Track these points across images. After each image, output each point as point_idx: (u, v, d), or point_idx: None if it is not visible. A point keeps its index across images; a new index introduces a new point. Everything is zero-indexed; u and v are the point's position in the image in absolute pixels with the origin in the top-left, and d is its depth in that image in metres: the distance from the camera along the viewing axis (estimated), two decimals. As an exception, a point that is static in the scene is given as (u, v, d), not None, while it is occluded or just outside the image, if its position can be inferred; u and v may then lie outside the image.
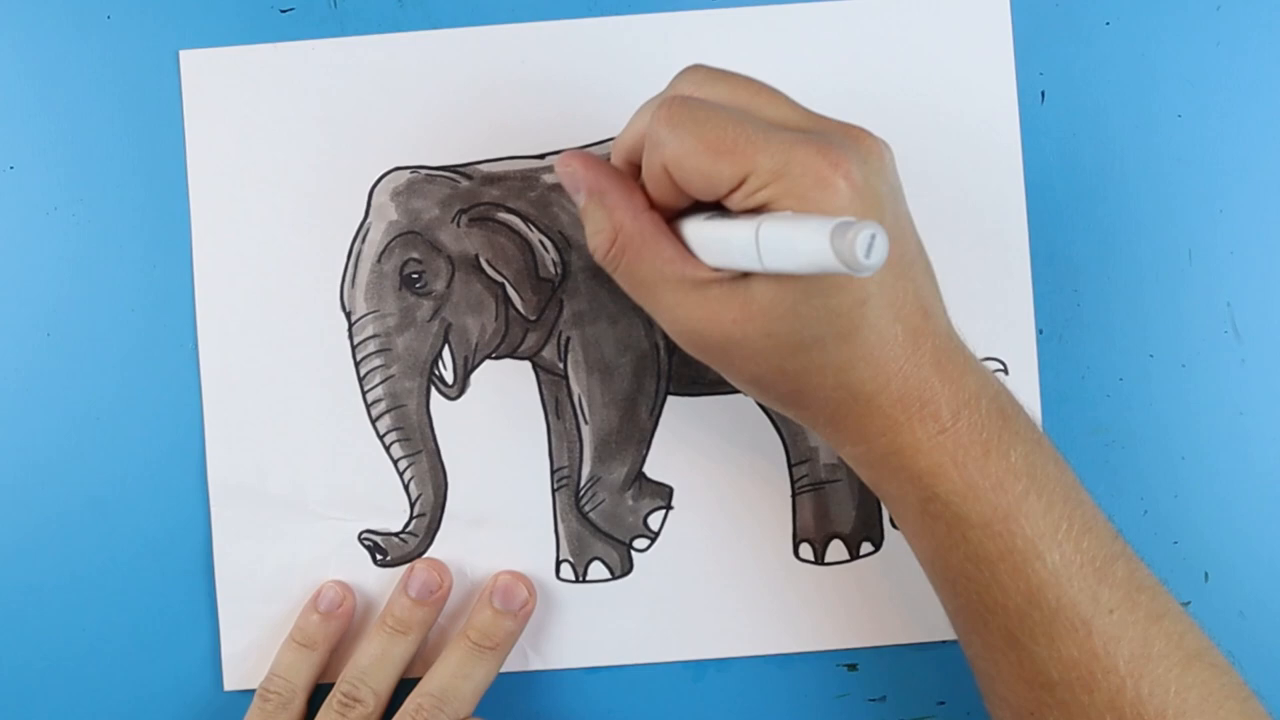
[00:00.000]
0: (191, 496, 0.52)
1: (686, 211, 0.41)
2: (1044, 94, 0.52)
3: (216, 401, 0.52)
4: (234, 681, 0.52)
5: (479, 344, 0.52)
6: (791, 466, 0.52)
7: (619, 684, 0.53)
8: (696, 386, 0.52)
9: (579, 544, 0.52)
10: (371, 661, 0.49)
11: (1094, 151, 0.52)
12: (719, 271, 0.39)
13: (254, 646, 0.52)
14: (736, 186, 0.37)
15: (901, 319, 0.39)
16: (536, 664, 0.52)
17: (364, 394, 0.52)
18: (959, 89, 0.52)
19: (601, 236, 0.41)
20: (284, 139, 0.51)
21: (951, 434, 0.40)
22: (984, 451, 0.40)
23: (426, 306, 0.52)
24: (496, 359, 0.52)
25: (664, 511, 0.52)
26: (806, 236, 0.32)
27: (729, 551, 0.52)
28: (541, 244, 0.52)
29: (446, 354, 0.52)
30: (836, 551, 0.52)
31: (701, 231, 0.39)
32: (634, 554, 0.52)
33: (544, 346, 0.52)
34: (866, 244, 0.31)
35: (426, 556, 0.52)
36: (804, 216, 0.34)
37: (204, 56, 0.51)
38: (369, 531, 0.52)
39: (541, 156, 0.52)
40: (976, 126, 0.52)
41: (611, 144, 0.44)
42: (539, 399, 0.52)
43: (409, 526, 0.52)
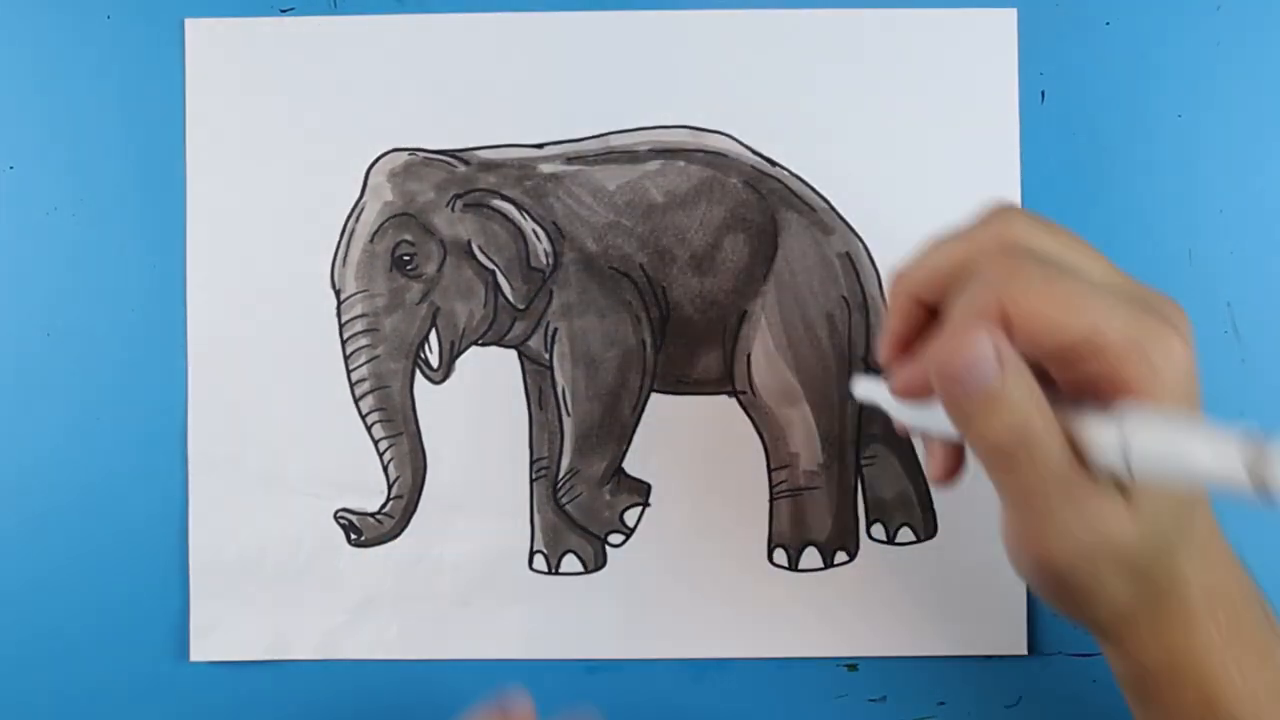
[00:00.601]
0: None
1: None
2: (1044, 94, 0.52)
3: (201, 372, 0.52)
4: (200, 653, 0.52)
5: (466, 330, 0.52)
6: (771, 471, 0.52)
7: (619, 682, 0.52)
8: (681, 385, 0.52)
9: (554, 536, 0.52)
10: None
11: (1094, 151, 0.52)
12: (1092, 477, 0.35)
13: (222, 619, 0.52)
14: (1075, 349, 0.34)
15: (1220, 539, 0.38)
16: (511, 653, 0.52)
17: (349, 373, 0.52)
18: (960, 105, 0.51)
19: (1010, 428, 0.35)
20: (284, 113, 0.52)
21: (1236, 636, 0.38)
22: (1260, 660, 0.38)
23: (416, 289, 0.52)
24: (483, 346, 0.52)
25: (641, 508, 0.52)
26: (1203, 450, 0.31)
27: (703, 552, 0.52)
28: (534, 233, 0.52)
29: (433, 338, 0.52)
30: (811, 559, 0.52)
31: (1080, 429, 0.35)
32: (608, 549, 0.52)
33: (531, 336, 0.52)
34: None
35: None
36: (1184, 421, 0.32)
37: (209, 26, 0.52)
38: (345, 510, 0.52)
39: (540, 145, 0.52)
40: (978, 145, 0.51)
41: (899, 277, 0.39)
42: (523, 388, 0.52)
43: (385, 508, 0.52)
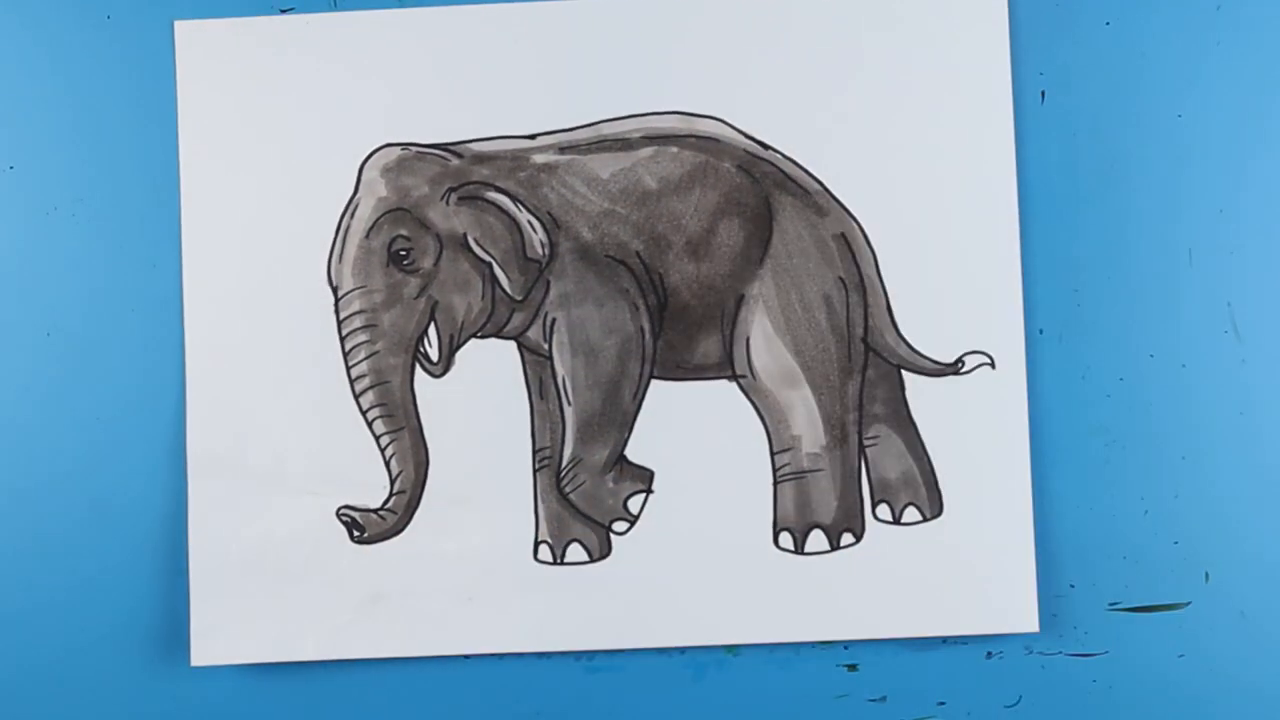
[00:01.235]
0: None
1: None
2: (1043, 94, 0.52)
3: (199, 372, 0.52)
4: (202, 657, 0.51)
5: (465, 322, 0.52)
6: (774, 454, 0.52)
7: (621, 681, 0.52)
8: (680, 371, 0.52)
9: (558, 525, 0.52)
10: None
11: (1094, 151, 0.52)
12: None
13: (224, 623, 0.51)
14: None
15: None
16: (516, 646, 0.51)
17: (348, 369, 0.52)
18: (954, 86, 0.52)
19: None
20: (276, 111, 0.52)
21: None
22: None
23: (413, 284, 0.52)
24: (482, 338, 0.52)
25: (644, 495, 0.52)
26: None
27: (708, 538, 0.51)
28: (530, 224, 0.52)
29: (432, 331, 0.52)
30: (817, 541, 0.51)
31: None
32: (613, 537, 0.52)
33: (529, 327, 0.52)
34: None
35: None
36: None
37: (198, 27, 0.52)
38: (347, 507, 0.52)
39: (532, 136, 0.52)
40: (970, 124, 0.52)
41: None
42: (523, 379, 0.52)
43: (388, 503, 0.51)
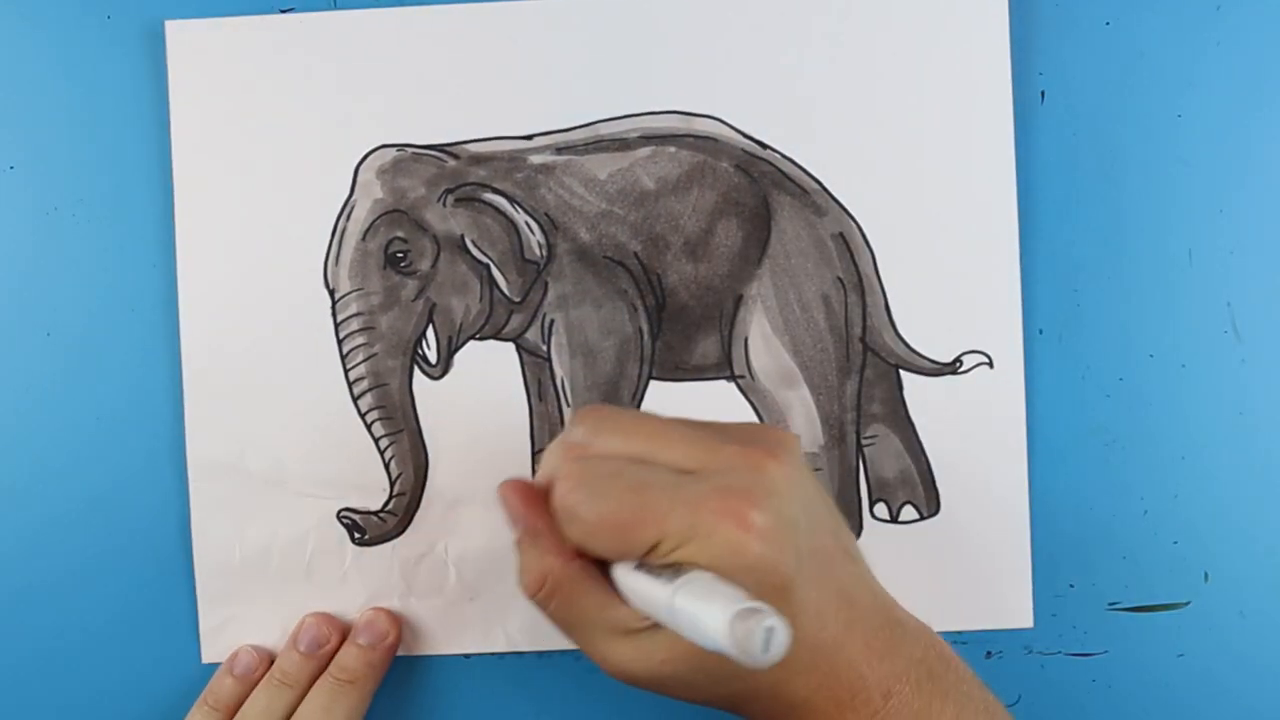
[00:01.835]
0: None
1: None
2: (1043, 94, 0.52)
3: (197, 377, 0.52)
4: (212, 654, 0.52)
5: (463, 324, 0.52)
6: (773, 454, 0.52)
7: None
8: (679, 372, 0.52)
9: (558, 527, 0.52)
10: (256, 716, 0.49)
11: (1093, 151, 0.52)
12: (645, 617, 0.38)
13: (231, 621, 0.52)
14: (650, 550, 0.36)
15: (827, 622, 0.38)
16: (518, 645, 0.52)
17: (346, 372, 0.52)
18: (953, 84, 0.51)
19: (531, 576, 0.40)
20: (269, 113, 0.51)
21: (884, 715, 0.39)
22: None
23: (411, 286, 0.52)
24: (480, 340, 0.52)
25: (643, 496, 0.52)
26: (711, 622, 0.32)
27: (708, 538, 0.52)
28: (527, 225, 0.51)
29: (430, 334, 0.52)
30: (816, 541, 0.52)
31: (627, 581, 0.38)
32: (612, 538, 0.52)
33: (528, 328, 0.52)
34: (764, 639, 0.31)
35: (318, 612, 0.51)
36: (713, 593, 0.33)
37: (190, 28, 0.51)
38: (348, 510, 0.52)
39: (529, 137, 0.51)
40: (969, 122, 0.51)
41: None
42: (522, 381, 0.52)
43: (388, 505, 0.52)
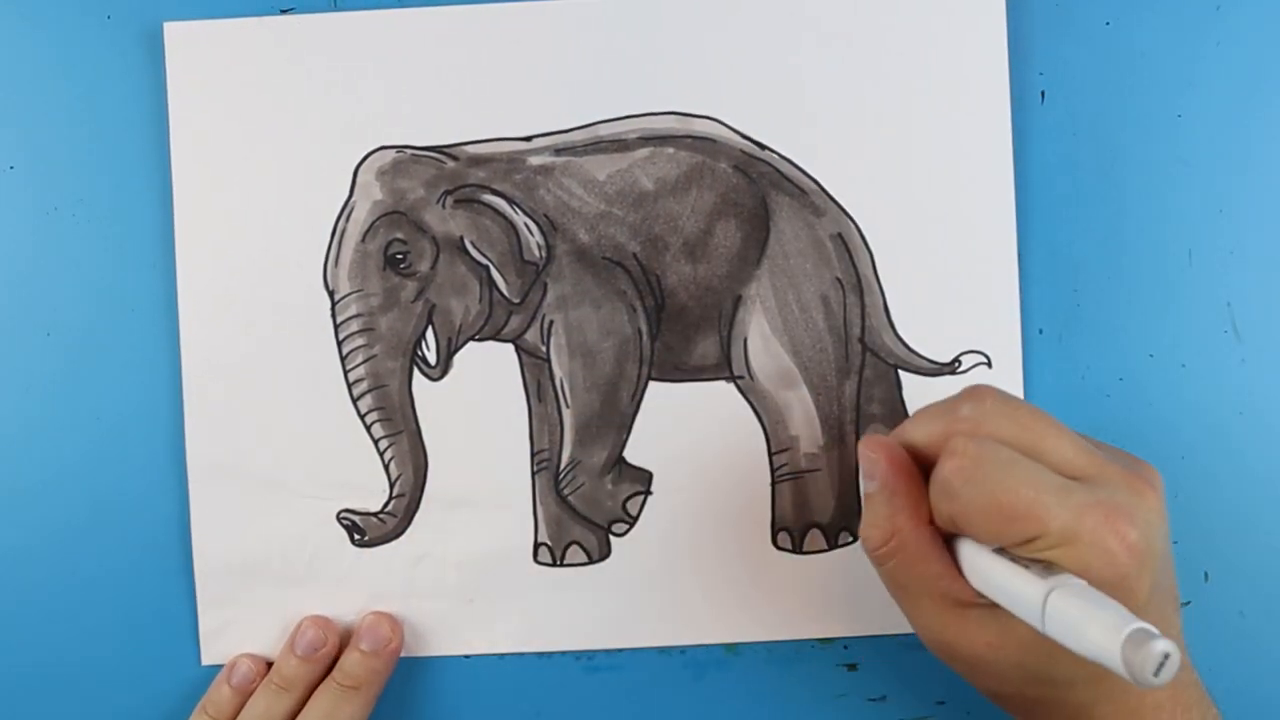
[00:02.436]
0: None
1: None
2: (1043, 94, 0.52)
3: (197, 379, 0.52)
4: (211, 656, 0.52)
5: (462, 326, 0.52)
6: (772, 455, 0.52)
7: (617, 677, 0.52)
8: (678, 373, 0.52)
9: (557, 527, 0.52)
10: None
11: (1093, 151, 0.52)
12: (981, 597, 0.39)
13: (231, 623, 0.52)
14: (1024, 542, 0.37)
15: None
16: (518, 646, 0.52)
17: (346, 373, 0.52)
18: (951, 84, 0.51)
19: (878, 531, 0.41)
20: (268, 114, 0.51)
21: None
22: None
23: (410, 287, 0.52)
24: (479, 341, 0.52)
25: (643, 497, 0.52)
26: (1098, 632, 0.33)
27: (707, 538, 0.52)
28: (526, 227, 0.51)
29: (430, 335, 0.52)
30: (815, 541, 0.52)
31: (980, 563, 0.39)
32: (612, 539, 0.52)
33: (527, 329, 0.52)
34: (1158, 663, 0.32)
35: (315, 615, 0.51)
36: (1096, 604, 0.34)
37: (188, 29, 0.51)
38: (348, 511, 0.52)
39: (528, 139, 0.52)
40: (968, 123, 0.51)
41: (898, 427, 0.42)
42: (521, 382, 0.52)
43: (388, 506, 0.52)
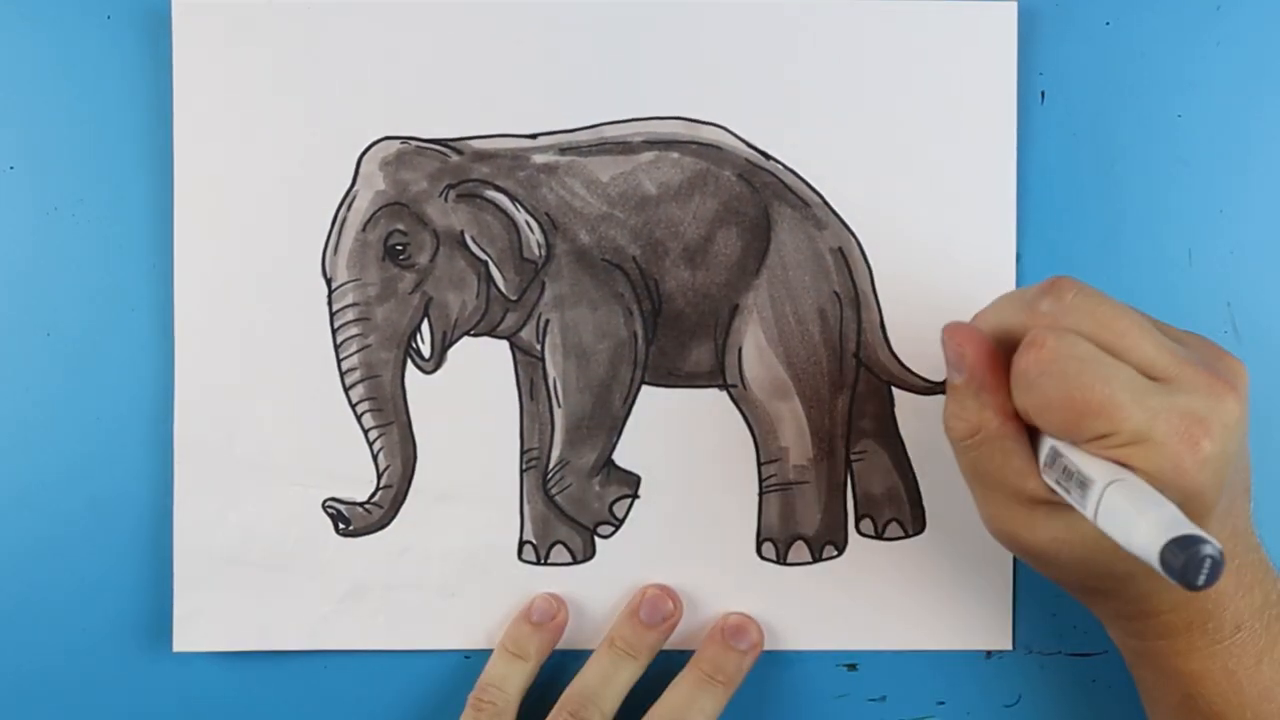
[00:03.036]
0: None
1: None
2: (1044, 94, 0.52)
3: (188, 359, 0.51)
4: (184, 643, 0.51)
5: (458, 320, 0.52)
6: (761, 465, 0.52)
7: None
8: (672, 378, 0.52)
9: (543, 526, 0.52)
10: (599, 683, 0.49)
11: (1094, 151, 0.52)
12: (1054, 494, 0.39)
13: (207, 609, 0.51)
14: (1096, 438, 0.37)
15: None
16: (494, 644, 0.52)
17: (339, 362, 0.52)
18: (959, 102, 0.51)
19: (964, 424, 0.41)
20: (275, 99, 0.51)
21: (1229, 644, 0.41)
22: (1256, 660, 0.41)
23: (408, 279, 0.52)
24: (474, 336, 0.52)
25: (630, 500, 0.52)
26: (1144, 531, 0.33)
27: (692, 545, 0.52)
28: (527, 224, 0.51)
29: (425, 328, 0.52)
30: (799, 553, 0.52)
31: (1054, 455, 0.39)
32: (597, 540, 0.52)
33: (523, 327, 0.52)
34: (1206, 568, 0.32)
35: (659, 583, 0.51)
36: (1149, 503, 0.34)
37: (196, 9, 0.51)
38: (333, 500, 0.52)
39: (533, 136, 0.51)
40: (974, 140, 0.51)
41: (978, 314, 0.42)
42: (514, 379, 0.52)
43: (374, 497, 0.52)
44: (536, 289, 0.52)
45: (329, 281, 0.51)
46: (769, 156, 0.52)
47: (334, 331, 0.52)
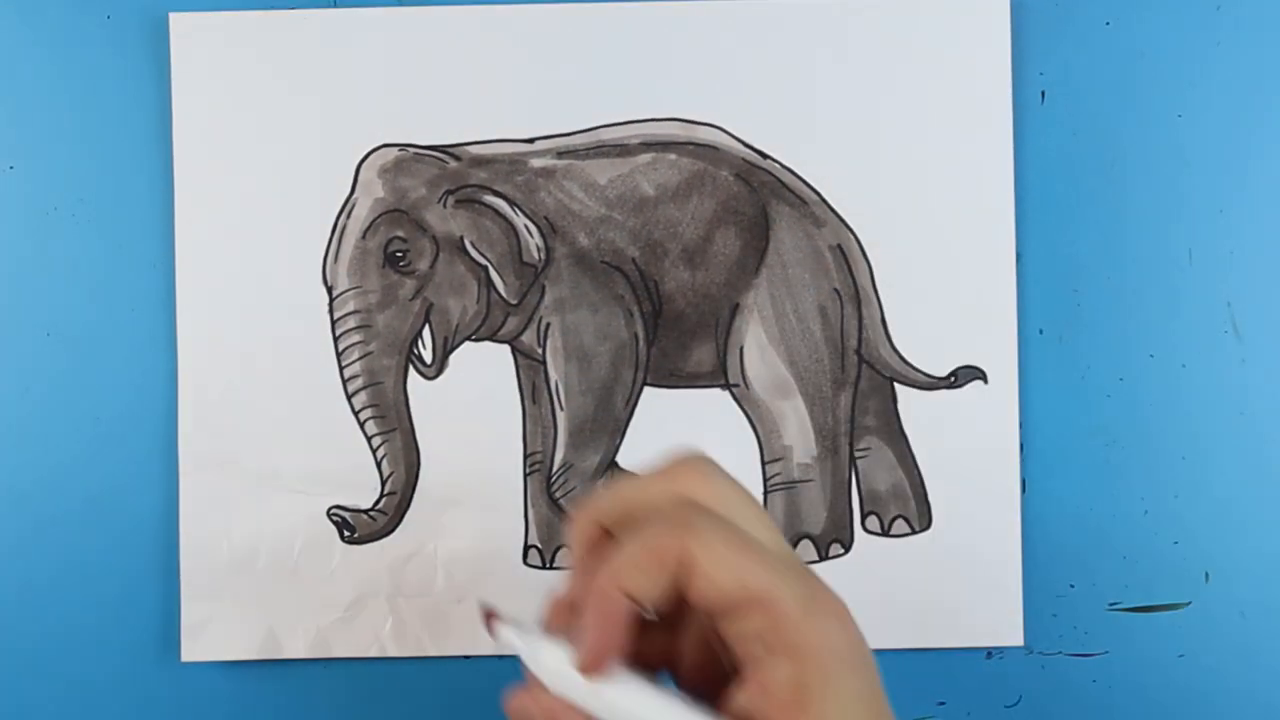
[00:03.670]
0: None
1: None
2: (1044, 94, 0.52)
3: (191, 370, 0.52)
4: (192, 653, 0.52)
5: (459, 325, 0.52)
6: (764, 464, 0.52)
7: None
8: (674, 379, 0.52)
9: (549, 530, 0.52)
10: None
11: (1094, 151, 0.52)
12: None
13: (214, 618, 0.51)
14: (748, 604, 0.32)
15: None
16: (506, 650, 0.52)
17: (341, 369, 0.52)
18: (954, 99, 0.51)
19: None
20: (273, 108, 0.52)
21: None
22: None
23: (409, 285, 0.52)
24: (476, 341, 0.52)
25: (635, 502, 0.52)
26: None
27: (698, 546, 0.51)
28: (526, 229, 0.52)
29: (426, 333, 0.52)
30: (805, 552, 0.52)
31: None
32: (602, 543, 0.52)
33: (524, 331, 0.52)
34: None
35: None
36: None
37: (193, 20, 0.51)
38: (338, 507, 0.52)
39: (530, 140, 0.52)
40: (970, 134, 0.52)
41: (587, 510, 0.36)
42: (516, 383, 0.52)
43: (379, 504, 0.52)
44: (537, 293, 0.52)
45: (330, 289, 0.52)
46: (766, 155, 0.52)
47: (336, 339, 0.52)
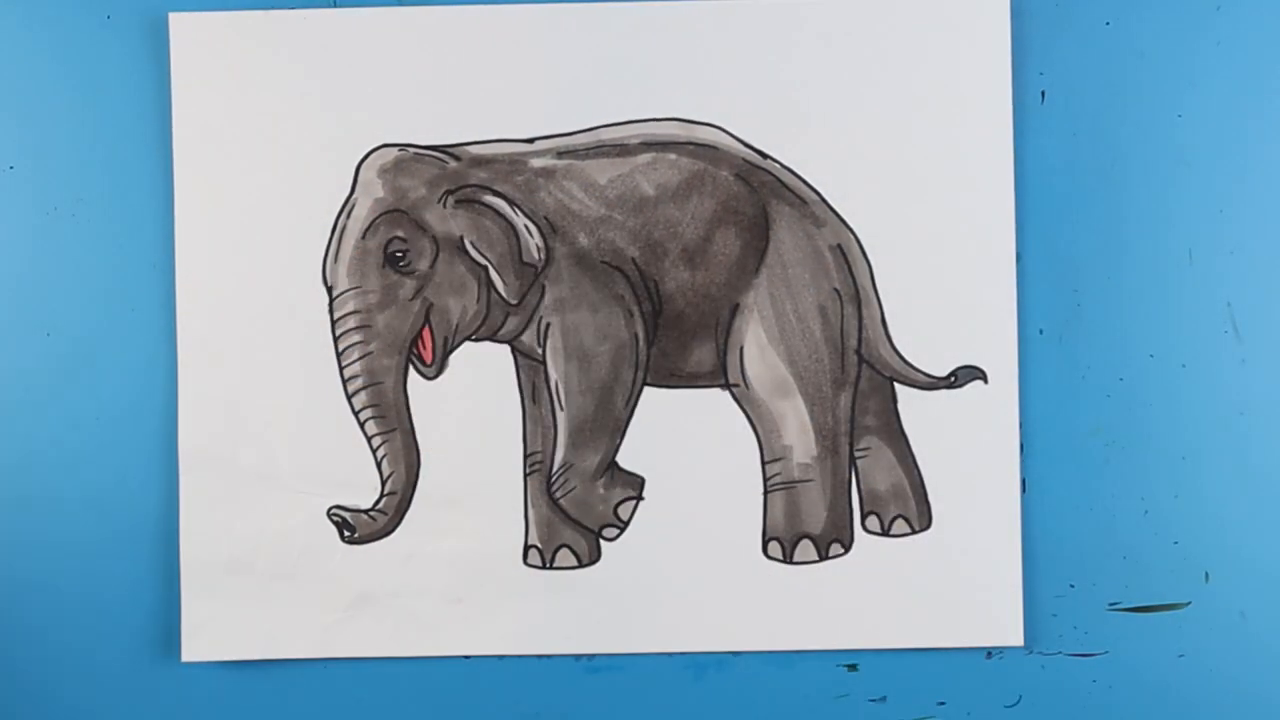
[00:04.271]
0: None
1: None
2: (1044, 94, 0.52)
3: (191, 370, 0.52)
4: (192, 653, 0.52)
5: (459, 325, 0.52)
6: (765, 464, 0.52)
7: (618, 678, 0.52)
8: (674, 379, 0.52)
9: (548, 530, 0.52)
10: None
11: (1094, 151, 0.52)
12: None
13: (215, 618, 0.51)
14: None
15: None
16: (500, 649, 0.52)
17: (341, 369, 0.52)
18: (954, 98, 0.51)
19: None
20: (273, 108, 0.52)
21: None
22: None
23: (409, 285, 0.52)
24: (476, 341, 0.52)
25: (634, 502, 0.52)
26: None
27: (697, 545, 0.52)
28: (526, 229, 0.52)
29: (426, 333, 0.52)
30: (805, 552, 0.52)
31: None
32: (602, 543, 0.52)
33: (524, 331, 0.52)
34: None
35: None
36: None
37: (193, 20, 0.51)
38: (338, 507, 0.52)
39: (531, 141, 0.52)
40: (970, 134, 0.52)
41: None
42: (516, 383, 0.52)
43: (379, 504, 0.52)
44: (537, 293, 0.52)
45: (330, 289, 0.52)
46: (766, 155, 0.52)
47: (336, 339, 0.52)
